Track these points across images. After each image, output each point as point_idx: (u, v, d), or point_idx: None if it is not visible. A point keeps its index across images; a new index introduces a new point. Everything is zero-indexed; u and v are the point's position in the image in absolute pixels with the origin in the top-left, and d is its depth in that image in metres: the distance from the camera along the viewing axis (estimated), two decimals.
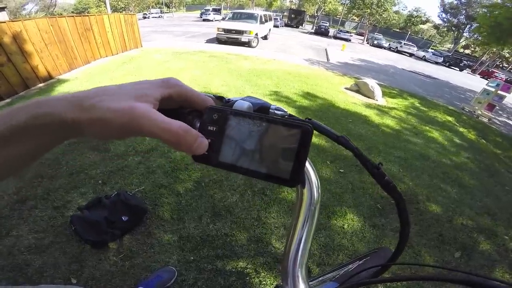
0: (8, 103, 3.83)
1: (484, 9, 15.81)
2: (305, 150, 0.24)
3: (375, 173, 0.35)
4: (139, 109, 0.21)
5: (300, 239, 0.37)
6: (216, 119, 0.26)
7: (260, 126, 0.25)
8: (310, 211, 0.36)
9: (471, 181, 3.14)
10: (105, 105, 0.21)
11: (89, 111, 0.21)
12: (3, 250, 1.58)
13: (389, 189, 0.35)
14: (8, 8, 17.46)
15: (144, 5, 48.01)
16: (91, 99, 0.21)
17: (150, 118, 0.21)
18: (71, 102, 0.21)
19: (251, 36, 10.50)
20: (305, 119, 0.35)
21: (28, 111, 0.21)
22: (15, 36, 4.05)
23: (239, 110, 0.26)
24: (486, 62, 30.81)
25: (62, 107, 0.21)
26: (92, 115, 0.21)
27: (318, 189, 0.36)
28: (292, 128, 0.24)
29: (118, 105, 0.21)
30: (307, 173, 0.36)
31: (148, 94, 0.24)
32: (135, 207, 1.78)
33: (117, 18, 7.11)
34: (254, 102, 0.36)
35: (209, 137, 0.25)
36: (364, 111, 4.89)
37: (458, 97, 9.25)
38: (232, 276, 1.58)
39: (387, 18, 31.09)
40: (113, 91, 0.23)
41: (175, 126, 0.21)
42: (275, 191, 2.28)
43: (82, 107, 0.21)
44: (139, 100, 0.22)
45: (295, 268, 0.37)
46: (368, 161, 0.35)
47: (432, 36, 59.72)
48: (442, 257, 1.99)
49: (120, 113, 0.21)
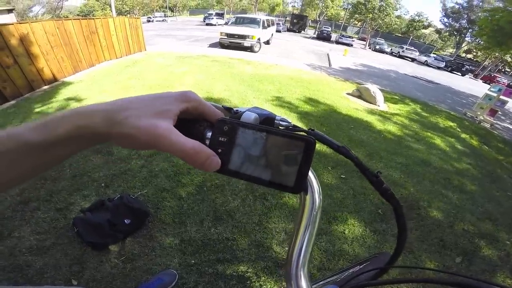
0: (14, 104, 3.88)
1: (485, 13, 15.83)
2: (308, 160, 0.26)
3: (374, 181, 0.37)
4: (159, 129, 0.24)
5: (303, 243, 0.39)
6: (226, 130, 0.27)
7: (267, 137, 0.27)
8: (312, 217, 0.38)
9: (473, 187, 3.13)
10: (132, 121, 0.24)
11: (119, 126, 0.24)
12: (4, 251, 1.60)
13: (387, 196, 0.37)
14: (15, 10, 17.68)
15: (148, 9, 48.48)
16: (120, 113, 0.24)
17: (168, 138, 0.24)
18: (104, 116, 0.24)
19: (254, 41, 10.57)
20: (308, 130, 0.37)
21: (72, 122, 0.24)
22: (22, 38, 4.12)
23: (247, 123, 0.28)
24: (488, 66, 30.78)
25: (98, 120, 0.24)
26: (121, 130, 0.24)
27: (320, 195, 0.38)
28: (296, 141, 0.26)
29: (143, 123, 0.24)
30: (309, 180, 0.38)
31: (168, 110, 0.26)
32: (137, 210, 1.80)
33: (122, 22, 7.21)
34: (260, 113, 0.39)
35: (219, 147, 0.27)
36: (366, 117, 4.90)
37: (460, 102, 9.24)
38: (233, 280, 1.59)
39: (389, 23, 31.32)
40: (138, 105, 0.26)
41: (188, 146, 0.24)
42: (276, 196, 2.29)
43: (113, 122, 0.24)
44: (161, 116, 0.25)
45: (298, 270, 0.39)
46: (367, 169, 0.37)
47: (434, 41, 59.80)
48: (443, 262, 1.98)
49: (144, 131, 0.24)
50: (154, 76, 5.71)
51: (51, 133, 0.24)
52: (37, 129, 0.24)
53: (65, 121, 0.24)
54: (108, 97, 4.18)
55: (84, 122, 0.24)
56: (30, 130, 0.24)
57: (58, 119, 0.24)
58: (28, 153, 0.24)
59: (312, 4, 43.20)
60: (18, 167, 0.25)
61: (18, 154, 0.24)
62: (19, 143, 0.23)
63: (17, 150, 0.23)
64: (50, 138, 0.24)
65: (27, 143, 0.23)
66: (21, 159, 0.24)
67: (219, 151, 0.27)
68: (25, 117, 3.41)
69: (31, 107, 3.74)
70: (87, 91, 4.47)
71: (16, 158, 0.24)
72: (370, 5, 29.49)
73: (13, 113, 3.56)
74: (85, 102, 3.95)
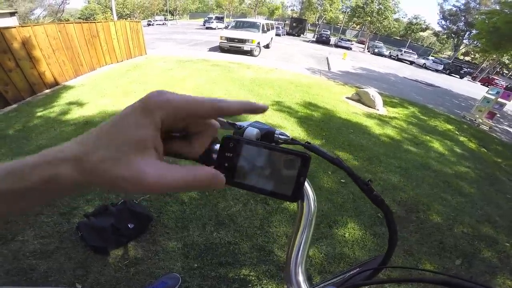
0: (15, 108, 3.90)
1: (482, 15, 15.98)
2: (304, 172, 0.29)
3: (365, 188, 0.41)
4: (149, 178, 0.20)
5: (300, 244, 0.45)
6: (232, 147, 0.30)
7: (268, 153, 0.30)
8: (308, 221, 0.44)
9: (472, 190, 3.16)
10: (109, 169, 0.20)
11: (95, 175, 0.20)
12: (8, 255, 1.62)
13: (377, 202, 0.42)
14: (17, 13, 17.74)
15: (149, 12, 48.74)
16: (91, 157, 0.20)
17: (165, 183, 0.21)
18: (74, 165, 0.20)
19: (253, 45, 10.64)
20: (305, 143, 0.41)
21: (38, 174, 0.20)
22: (24, 41, 4.15)
23: (251, 140, 0.31)
24: (486, 69, 30.91)
25: (68, 171, 0.20)
26: (101, 180, 0.20)
27: (315, 202, 0.45)
28: (294, 156, 0.29)
29: (125, 172, 0.20)
30: (305, 189, 0.44)
31: (143, 139, 0.21)
32: (140, 215, 1.82)
33: (123, 25, 7.26)
34: (261, 128, 0.44)
35: (226, 162, 0.30)
36: (365, 121, 4.94)
37: (459, 105, 9.31)
38: (235, 283, 1.61)
39: (387, 26, 31.47)
40: (108, 141, 0.21)
41: (189, 179, 0.22)
42: (277, 201, 2.31)
43: (87, 171, 0.20)
44: (140, 152, 0.21)
45: (296, 267, 0.45)
46: (358, 178, 0.42)
47: (432, 44, 60.12)
48: (443, 264, 2.01)
49: (132, 183, 0.20)
50: (155, 80, 5.75)
51: (17, 182, 0.20)
52: (4, 177, 0.20)
53: (31, 171, 0.20)
54: (109, 101, 4.22)
55: (51, 173, 0.20)
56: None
57: (25, 167, 0.21)
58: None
59: (311, 7, 43.54)
60: None
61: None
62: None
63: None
64: (15, 188, 0.20)
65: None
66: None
67: (226, 165, 0.30)
68: (27, 121, 3.44)
69: (32, 111, 3.76)
70: (88, 95, 4.50)
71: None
72: (368, 8, 29.68)
73: (15, 117, 3.59)
74: (87, 107, 3.98)
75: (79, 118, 3.58)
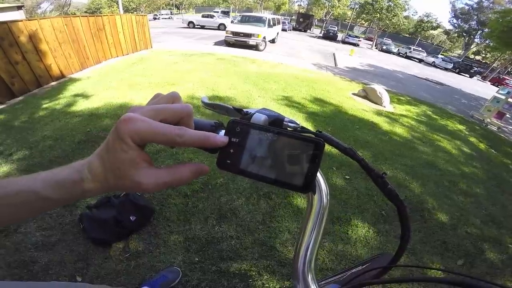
0: (22, 100, 3.94)
1: (496, 14, 15.58)
2: (317, 161, 0.26)
3: (379, 182, 0.37)
4: (143, 186, 0.26)
5: (310, 241, 0.40)
6: (238, 131, 0.28)
7: (277, 139, 0.27)
8: (319, 216, 0.39)
9: (478, 190, 3.10)
10: (116, 184, 0.26)
11: (108, 187, 0.27)
12: (10, 247, 1.62)
13: (391, 196, 0.38)
14: (24, 7, 17.86)
15: (155, 6, 48.65)
16: (103, 179, 0.27)
17: (153, 185, 0.26)
18: (95, 182, 0.27)
19: (259, 39, 10.57)
20: (316, 131, 0.38)
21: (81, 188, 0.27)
22: (31, 35, 4.17)
23: (258, 124, 0.28)
24: (497, 68, 30.30)
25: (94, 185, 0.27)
26: (112, 189, 0.27)
27: (327, 196, 0.39)
28: (306, 142, 0.26)
29: (126, 183, 0.26)
30: (317, 181, 0.39)
31: (132, 159, 0.25)
32: (143, 207, 1.82)
33: (129, 19, 7.25)
34: (269, 115, 0.40)
35: (232, 148, 0.28)
36: (372, 117, 4.87)
37: (468, 104, 9.13)
38: (236, 278, 1.60)
39: (396, 23, 30.90)
40: (110, 166, 0.26)
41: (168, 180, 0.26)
42: (280, 195, 2.30)
43: (104, 187, 0.27)
44: (134, 169, 0.25)
45: (305, 268, 0.41)
46: (373, 170, 0.38)
47: (442, 42, 59.03)
48: (445, 264, 1.98)
49: (132, 188, 0.26)
50: (160, 73, 5.74)
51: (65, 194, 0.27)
52: (54, 188, 0.26)
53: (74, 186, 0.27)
54: (115, 94, 4.21)
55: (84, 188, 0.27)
56: (47, 187, 0.26)
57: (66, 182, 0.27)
58: (42, 206, 0.27)
59: (319, 3, 42.89)
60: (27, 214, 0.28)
61: (32, 205, 0.27)
62: (37, 196, 0.26)
63: (34, 203, 0.27)
64: (65, 198, 0.27)
65: (47, 199, 0.26)
66: (34, 210, 0.28)
67: (231, 151, 0.28)
68: (33, 112, 3.46)
69: (38, 103, 3.78)
70: (93, 87, 4.51)
71: (29, 208, 0.27)
72: (377, 5, 29.17)
73: (21, 109, 3.61)
74: (92, 99, 3.98)
75: (84, 110, 3.58)
